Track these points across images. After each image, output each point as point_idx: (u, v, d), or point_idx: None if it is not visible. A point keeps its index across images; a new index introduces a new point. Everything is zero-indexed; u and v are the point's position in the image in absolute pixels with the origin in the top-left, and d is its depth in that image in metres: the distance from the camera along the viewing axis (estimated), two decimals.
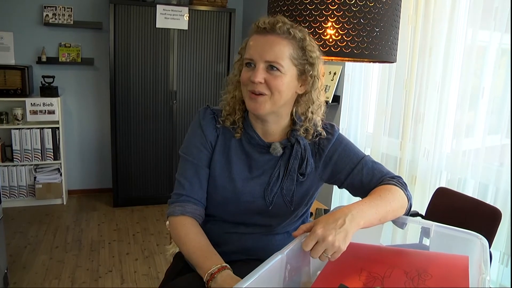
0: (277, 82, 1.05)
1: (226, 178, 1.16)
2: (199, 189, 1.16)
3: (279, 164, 1.15)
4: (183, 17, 3.73)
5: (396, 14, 1.32)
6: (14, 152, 3.68)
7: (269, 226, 1.18)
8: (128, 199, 3.96)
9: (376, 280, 0.91)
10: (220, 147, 1.18)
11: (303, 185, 1.16)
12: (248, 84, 1.08)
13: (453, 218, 1.88)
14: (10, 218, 3.53)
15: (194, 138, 1.19)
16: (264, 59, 1.05)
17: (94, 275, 2.69)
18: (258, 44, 1.07)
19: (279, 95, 1.07)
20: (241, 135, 1.17)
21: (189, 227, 1.12)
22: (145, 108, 3.83)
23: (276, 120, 1.15)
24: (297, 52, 1.07)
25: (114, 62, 3.64)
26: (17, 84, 3.55)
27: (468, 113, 2.12)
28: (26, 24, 3.76)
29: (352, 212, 0.92)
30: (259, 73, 1.05)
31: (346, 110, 2.99)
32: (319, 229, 0.87)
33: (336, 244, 0.86)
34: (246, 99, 1.11)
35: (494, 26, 1.96)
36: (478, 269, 0.89)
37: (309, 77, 1.10)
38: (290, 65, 1.07)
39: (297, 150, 1.13)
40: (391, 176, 1.13)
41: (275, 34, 1.06)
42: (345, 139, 1.19)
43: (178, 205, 1.15)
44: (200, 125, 1.18)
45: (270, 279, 0.85)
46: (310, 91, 1.12)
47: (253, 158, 1.16)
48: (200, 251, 1.07)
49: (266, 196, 1.14)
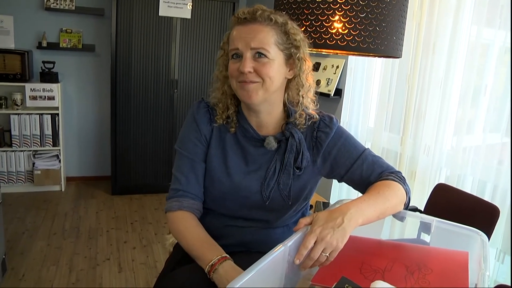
0: (267, 69, 1.05)
1: (222, 172, 1.16)
2: (195, 183, 1.17)
3: (275, 159, 1.15)
4: (186, 6, 3.70)
5: (403, 9, 1.31)
6: (13, 137, 3.67)
7: (267, 221, 1.18)
8: (126, 187, 3.97)
9: (377, 273, 0.92)
10: (216, 141, 1.17)
11: (300, 179, 1.16)
12: (237, 76, 1.07)
13: (451, 214, 1.88)
14: (8, 203, 3.53)
15: (189, 132, 1.19)
16: (250, 47, 1.04)
17: (92, 263, 2.70)
18: (242, 33, 1.06)
19: (271, 81, 1.06)
20: (235, 129, 1.17)
21: (188, 221, 1.13)
22: (146, 97, 3.82)
23: (269, 110, 1.14)
24: (281, 37, 1.07)
25: (116, 50, 3.62)
26: (16, 69, 3.53)
27: (469, 111, 2.12)
28: (27, 8, 3.72)
29: (351, 211, 0.92)
30: (247, 62, 1.04)
31: (347, 104, 2.99)
32: (317, 228, 0.88)
33: (334, 243, 0.87)
34: (237, 91, 1.10)
35: (499, 24, 1.95)
36: (478, 264, 0.90)
37: (296, 59, 1.10)
38: (276, 50, 1.07)
39: (292, 143, 1.13)
40: (390, 171, 1.13)
41: (257, 22, 1.06)
42: (345, 133, 1.18)
43: (175, 200, 1.15)
44: (194, 119, 1.18)
45: (273, 270, 0.85)
46: (298, 74, 1.12)
47: (249, 152, 1.16)
48: (200, 243, 1.07)
49: (263, 191, 1.14)
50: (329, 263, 0.89)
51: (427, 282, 0.88)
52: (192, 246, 1.08)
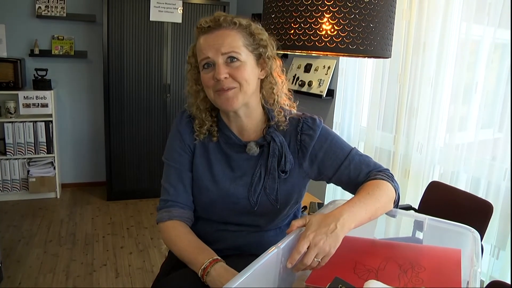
0: (241, 72, 1.05)
1: (209, 181, 1.16)
2: (184, 193, 1.17)
3: (259, 164, 1.14)
4: (177, 10, 3.70)
5: (391, 10, 1.32)
6: (7, 145, 3.65)
7: (258, 225, 1.18)
8: (122, 192, 3.96)
9: (370, 272, 0.92)
10: (200, 150, 1.18)
11: (287, 183, 1.15)
12: (213, 85, 1.06)
13: (445, 211, 1.90)
14: (3, 211, 3.51)
15: (174, 143, 1.19)
16: (221, 53, 1.04)
17: (89, 269, 2.70)
18: (210, 41, 1.05)
19: (247, 84, 1.06)
20: (218, 138, 1.17)
21: (178, 229, 1.13)
22: (139, 102, 3.82)
23: (247, 113, 1.13)
24: (248, 39, 1.08)
25: (108, 55, 3.62)
26: (9, 77, 3.52)
27: (461, 107, 2.14)
28: (19, 16, 3.71)
29: (344, 216, 0.92)
30: (222, 68, 1.04)
31: (340, 104, 3.00)
32: (311, 234, 0.88)
33: (327, 249, 0.87)
34: (216, 101, 1.09)
35: (488, 21, 1.97)
36: (470, 261, 0.91)
37: (266, 58, 1.10)
38: (246, 52, 1.07)
39: (274, 147, 1.12)
40: (378, 170, 1.13)
41: (222, 28, 1.06)
42: (330, 134, 1.17)
43: (165, 211, 1.16)
44: (178, 130, 1.19)
45: (266, 272, 0.86)
46: (270, 73, 1.12)
47: (232, 158, 1.16)
48: (191, 248, 1.08)
49: (250, 196, 1.13)
50: None
51: (420, 280, 0.88)
52: (184, 252, 1.08)
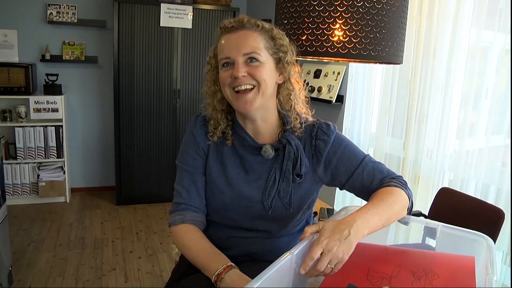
0: (260, 71, 1.06)
1: (223, 183, 1.16)
2: (197, 196, 1.17)
3: (274, 168, 1.14)
4: (187, 16, 3.73)
5: (403, 16, 1.33)
6: (17, 149, 3.69)
7: (270, 231, 1.17)
8: (131, 197, 3.98)
9: (384, 279, 0.92)
10: (214, 153, 1.18)
11: (300, 187, 1.15)
12: (230, 83, 1.08)
13: (456, 218, 1.88)
14: (13, 215, 3.54)
15: (188, 146, 1.20)
16: (242, 53, 1.05)
17: (98, 273, 2.71)
18: (232, 41, 1.07)
19: (265, 84, 1.07)
20: (232, 141, 1.17)
21: (191, 233, 1.13)
22: (149, 107, 3.84)
23: (264, 116, 1.14)
24: (269, 42, 1.09)
25: (118, 61, 3.65)
26: (20, 82, 3.56)
27: (471, 113, 2.13)
28: (30, 22, 3.77)
29: (357, 223, 0.92)
30: (241, 67, 1.05)
31: (349, 110, 2.99)
32: (324, 240, 0.88)
33: (340, 255, 0.87)
34: (232, 101, 1.10)
35: (499, 27, 1.97)
36: (484, 269, 0.90)
37: (286, 63, 1.11)
38: (267, 55, 1.08)
39: (290, 150, 1.12)
40: (391, 177, 1.12)
41: (245, 28, 1.07)
42: (344, 140, 1.17)
43: (178, 214, 1.16)
44: (192, 134, 1.20)
45: (280, 278, 0.86)
46: (288, 78, 1.13)
47: (247, 160, 1.16)
48: (204, 254, 1.08)
49: (264, 200, 1.13)
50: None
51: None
52: (197, 257, 1.08)
